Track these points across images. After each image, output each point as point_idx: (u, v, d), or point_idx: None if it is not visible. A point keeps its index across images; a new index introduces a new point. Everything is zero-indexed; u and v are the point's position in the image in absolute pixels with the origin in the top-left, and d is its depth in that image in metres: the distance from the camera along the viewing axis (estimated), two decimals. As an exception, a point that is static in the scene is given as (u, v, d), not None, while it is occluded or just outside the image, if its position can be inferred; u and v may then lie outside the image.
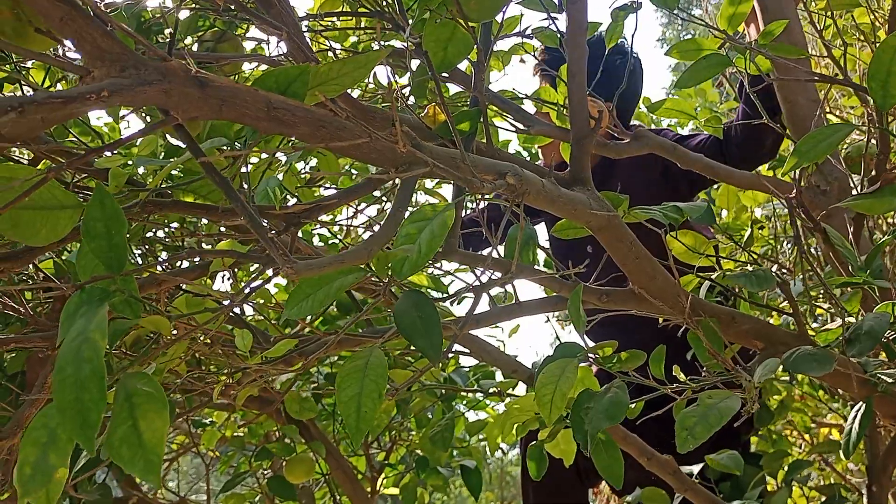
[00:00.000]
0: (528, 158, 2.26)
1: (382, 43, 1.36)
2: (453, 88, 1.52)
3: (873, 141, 0.95)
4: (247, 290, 0.74)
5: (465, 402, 2.35)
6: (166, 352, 0.75)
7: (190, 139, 0.61)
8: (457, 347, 1.61)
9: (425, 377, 1.77)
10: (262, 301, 1.63)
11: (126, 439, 0.52)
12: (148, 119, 1.35)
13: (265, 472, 2.35)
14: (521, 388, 1.61)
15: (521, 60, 1.75)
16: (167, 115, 0.60)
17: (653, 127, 2.05)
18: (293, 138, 0.69)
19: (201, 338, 0.87)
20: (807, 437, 1.95)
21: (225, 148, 0.71)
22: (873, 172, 0.95)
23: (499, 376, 2.00)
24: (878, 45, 1.15)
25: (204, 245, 1.42)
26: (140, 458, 0.52)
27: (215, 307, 0.94)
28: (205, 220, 1.30)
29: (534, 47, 1.55)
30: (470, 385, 2.01)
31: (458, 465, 2.05)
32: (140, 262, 1.55)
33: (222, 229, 0.87)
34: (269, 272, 0.73)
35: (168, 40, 1.30)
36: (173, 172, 1.31)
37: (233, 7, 0.89)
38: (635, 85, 1.67)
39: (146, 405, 0.53)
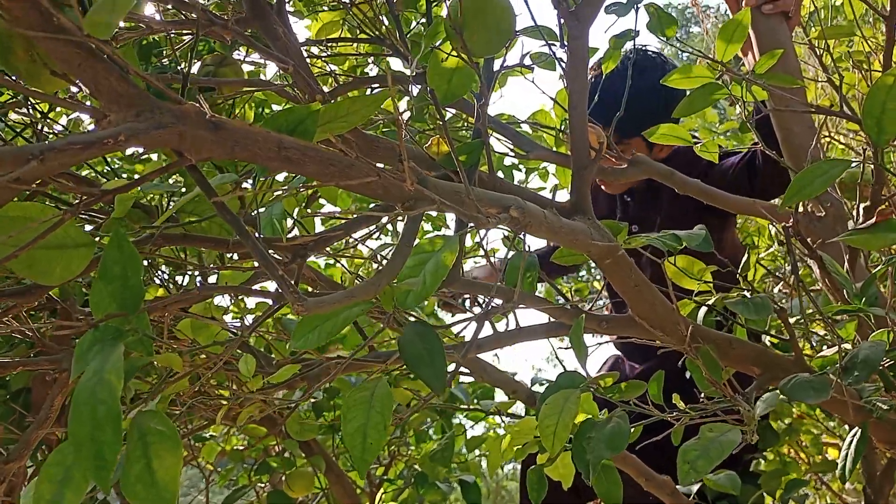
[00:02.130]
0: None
1: (380, 67, 1.38)
2: (450, 111, 1.53)
3: (869, 166, 0.97)
4: (254, 325, 0.75)
5: (465, 414, 2.36)
6: (173, 384, 0.77)
7: (202, 179, 0.62)
8: (460, 369, 1.62)
9: (425, 393, 1.78)
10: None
11: (140, 478, 0.53)
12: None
13: (264, 487, 2.35)
14: (519, 407, 1.62)
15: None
16: (181, 155, 0.61)
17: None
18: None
19: (205, 365, 0.88)
20: (803, 455, 1.97)
21: (232, 185, 0.73)
22: (868, 201, 0.96)
23: (499, 394, 2.01)
24: (872, 73, 1.17)
25: (207, 264, 1.43)
26: (154, 497, 0.53)
27: (220, 330, 0.96)
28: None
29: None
30: (470, 401, 2.02)
31: (457, 480, 2.06)
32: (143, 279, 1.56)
33: (234, 257, 0.88)
34: (276, 305, 0.74)
35: (172, 68, 1.31)
36: (178, 199, 1.32)
37: (239, 40, 0.90)
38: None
39: (159, 444, 0.54)
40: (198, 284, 1.37)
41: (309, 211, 1.73)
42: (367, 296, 0.66)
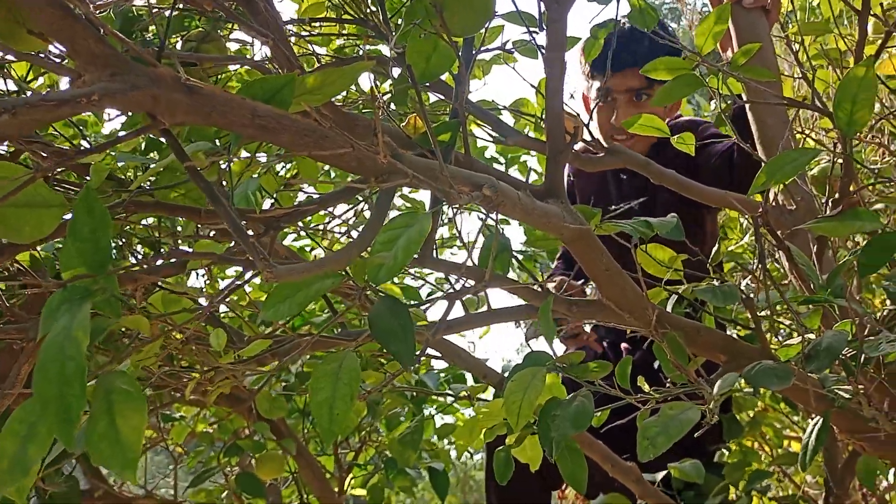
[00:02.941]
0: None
1: (365, 49, 1.38)
2: (433, 96, 1.54)
3: (839, 163, 0.99)
4: (225, 292, 0.75)
5: (435, 405, 2.37)
6: (142, 349, 0.77)
7: (176, 143, 0.62)
8: (429, 351, 1.62)
9: (397, 380, 1.79)
10: (236, 298, 1.63)
11: (105, 436, 0.53)
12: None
13: (233, 469, 2.35)
14: (490, 393, 1.63)
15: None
16: (154, 119, 0.61)
17: (692, 117, 2.05)
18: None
19: (176, 336, 0.88)
20: (767, 447, 2.00)
21: (204, 154, 0.73)
22: (837, 195, 0.98)
23: (469, 380, 2.02)
24: (845, 70, 1.18)
25: (181, 243, 1.43)
26: (118, 455, 0.53)
27: (192, 305, 0.96)
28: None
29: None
30: (441, 388, 2.03)
31: (426, 467, 2.07)
32: (116, 255, 1.56)
33: (211, 233, 0.88)
34: (248, 274, 0.74)
35: (157, 42, 1.30)
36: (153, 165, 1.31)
37: (221, 12, 0.90)
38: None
39: (124, 403, 0.54)
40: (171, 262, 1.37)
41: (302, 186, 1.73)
42: (338, 266, 0.66)
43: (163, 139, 1.11)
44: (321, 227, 1.99)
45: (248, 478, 1.96)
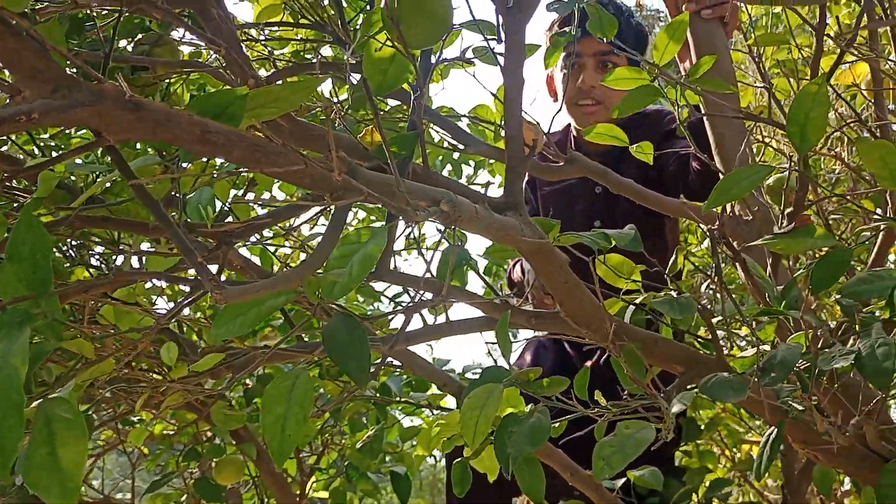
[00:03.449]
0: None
1: (321, 54, 1.36)
2: (393, 102, 1.53)
3: (795, 173, 1.00)
4: (174, 311, 0.73)
5: (400, 407, 2.36)
6: (87, 370, 0.75)
7: (121, 160, 0.61)
8: (389, 360, 1.61)
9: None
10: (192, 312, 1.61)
11: (44, 465, 0.51)
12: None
13: (193, 473, 2.32)
14: (451, 400, 1.63)
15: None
16: (99, 135, 0.59)
17: (659, 106, 2.04)
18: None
19: (124, 355, 0.86)
20: (727, 452, 2.02)
21: (161, 168, 0.71)
22: (792, 207, 0.99)
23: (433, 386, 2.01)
24: (802, 81, 1.19)
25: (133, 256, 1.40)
26: (58, 484, 0.52)
27: (142, 318, 0.94)
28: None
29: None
30: (405, 392, 2.02)
31: (389, 471, 2.06)
32: (74, 255, 1.52)
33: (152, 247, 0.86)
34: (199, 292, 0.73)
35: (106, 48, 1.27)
36: (101, 178, 1.29)
37: (170, 21, 0.88)
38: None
39: (65, 432, 0.52)
40: (131, 267, 1.34)
41: (248, 197, 1.71)
42: (290, 285, 0.65)
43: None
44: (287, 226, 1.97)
45: (206, 483, 1.94)
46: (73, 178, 1.27)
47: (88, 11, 1.36)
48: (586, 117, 1.83)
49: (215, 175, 1.25)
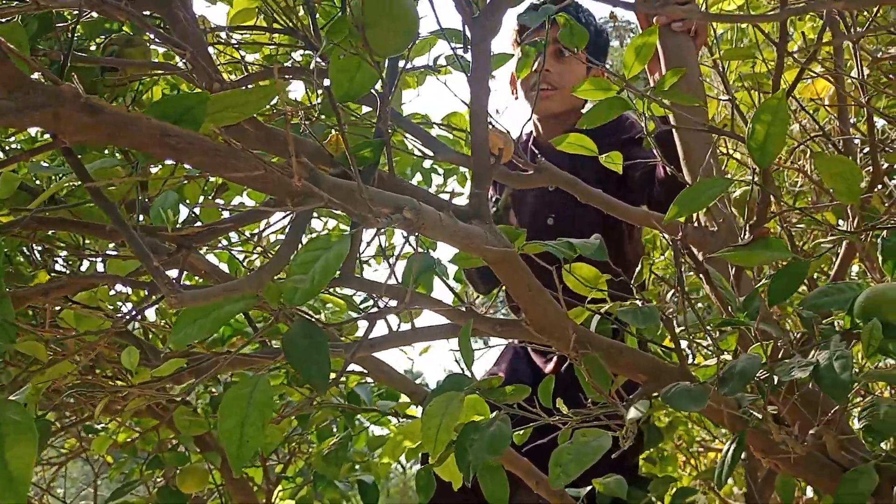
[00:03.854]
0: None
1: (295, 61, 1.36)
2: (366, 107, 1.52)
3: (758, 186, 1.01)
4: (132, 314, 0.73)
5: (368, 416, 2.35)
6: (45, 371, 0.74)
7: (77, 163, 0.60)
8: (356, 368, 1.61)
9: (329, 392, 1.77)
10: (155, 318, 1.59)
11: (-9, 471, 0.51)
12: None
13: (158, 481, 2.29)
14: (419, 410, 1.62)
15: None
16: (56, 137, 0.59)
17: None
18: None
19: (82, 358, 0.85)
20: (693, 461, 2.03)
21: (127, 171, 0.70)
22: (755, 219, 1.00)
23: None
24: (765, 95, 1.21)
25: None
26: (7, 490, 0.51)
27: (102, 322, 0.93)
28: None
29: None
30: (375, 401, 2.01)
31: (356, 481, 2.05)
32: (38, 261, 1.50)
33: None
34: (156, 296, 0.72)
35: (77, 47, 1.26)
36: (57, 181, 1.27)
37: (134, 23, 0.87)
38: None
39: (14, 435, 0.52)
40: (95, 272, 1.33)
41: (217, 201, 1.70)
42: (250, 289, 0.65)
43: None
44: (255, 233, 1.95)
45: (169, 491, 1.91)
46: (37, 181, 1.26)
47: (59, 12, 1.34)
48: (543, 102, 1.86)
49: (184, 180, 1.24)
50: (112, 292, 1.68)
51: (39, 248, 1.54)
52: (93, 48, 1.42)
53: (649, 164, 1.70)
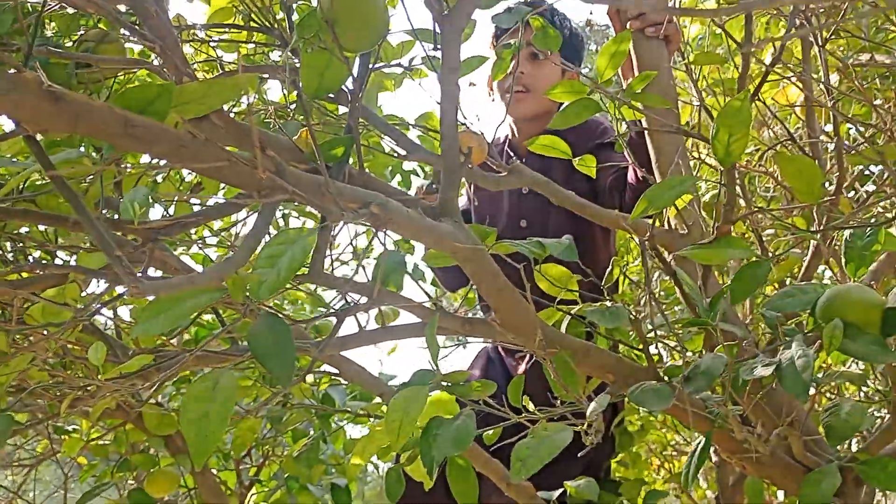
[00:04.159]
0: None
1: (270, 58, 1.36)
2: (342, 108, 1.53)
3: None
4: (94, 309, 0.72)
5: (345, 417, 2.34)
6: (8, 364, 0.73)
7: (40, 152, 0.60)
8: (327, 368, 1.60)
9: (298, 395, 1.76)
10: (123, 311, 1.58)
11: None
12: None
13: (130, 484, 2.27)
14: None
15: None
16: (18, 125, 0.59)
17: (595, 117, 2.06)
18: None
19: (50, 352, 0.84)
20: (667, 464, 2.04)
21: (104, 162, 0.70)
22: (721, 219, 1.01)
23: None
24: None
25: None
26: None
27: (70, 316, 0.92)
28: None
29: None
30: (346, 402, 2.00)
31: (329, 484, 2.05)
32: (9, 259, 1.49)
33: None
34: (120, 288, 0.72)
35: (54, 41, 1.25)
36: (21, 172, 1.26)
37: (107, 17, 0.87)
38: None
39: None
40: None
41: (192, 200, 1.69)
42: (210, 283, 0.65)
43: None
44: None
45: (139, 494, 1.90)
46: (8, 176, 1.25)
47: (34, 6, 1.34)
48: (517, 104, 1.87)
49: (157, 176, 1.23)
50: (84, 293, 1.67)
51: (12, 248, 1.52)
52: (68, 44, 1.41)
53: (621, 168, 1.71)
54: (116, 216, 0.87)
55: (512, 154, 1.93)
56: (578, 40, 1.91)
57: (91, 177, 0.90)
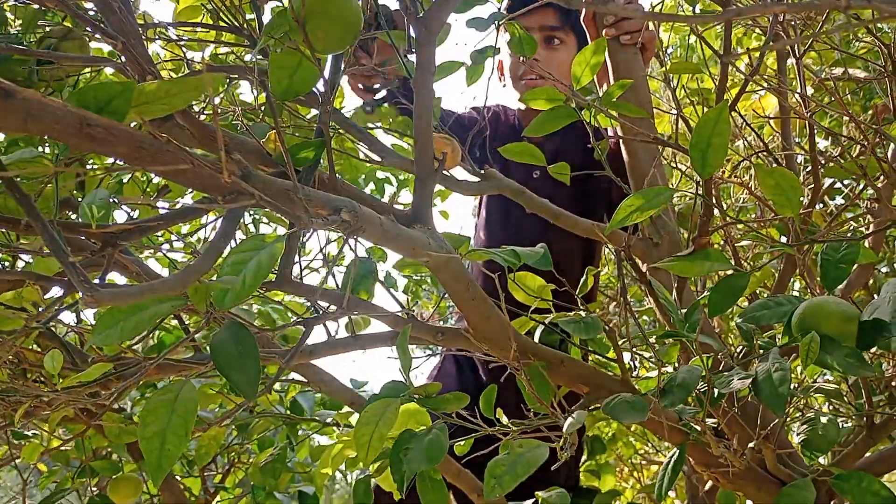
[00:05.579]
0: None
1: (241, 57, 1.33)
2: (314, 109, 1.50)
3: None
4: (47, 315, 0.69)
5: (312, 426, 2.30)
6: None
7: (-11, 151, 0.57)
8: (295, 377, 1.57)
9: (265, 403, 1.73)
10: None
11: None
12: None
13: (92, 490, 2.21)
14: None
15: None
16: (-35, 123, 0.55)
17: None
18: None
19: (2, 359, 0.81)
20: (636, 473, 2.04)
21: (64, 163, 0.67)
22: (698, 231, 1.00)
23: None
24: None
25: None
26: None
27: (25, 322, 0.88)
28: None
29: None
30: (317, 410, 1.97)
31: (296, 492, 2.01)
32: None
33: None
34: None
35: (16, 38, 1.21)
36: None
37: (69, 13, 0.84)
38: None
39: None
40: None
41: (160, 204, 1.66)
42: (171, 291, 0.62)
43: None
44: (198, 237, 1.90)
45: (102, 500, 1.85)
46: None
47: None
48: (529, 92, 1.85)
49: (120, 178, 1.20)
50: (47, 296, 1.62)
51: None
52: (31, 41, 1.37)
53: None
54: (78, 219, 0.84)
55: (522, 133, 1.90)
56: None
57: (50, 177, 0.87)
